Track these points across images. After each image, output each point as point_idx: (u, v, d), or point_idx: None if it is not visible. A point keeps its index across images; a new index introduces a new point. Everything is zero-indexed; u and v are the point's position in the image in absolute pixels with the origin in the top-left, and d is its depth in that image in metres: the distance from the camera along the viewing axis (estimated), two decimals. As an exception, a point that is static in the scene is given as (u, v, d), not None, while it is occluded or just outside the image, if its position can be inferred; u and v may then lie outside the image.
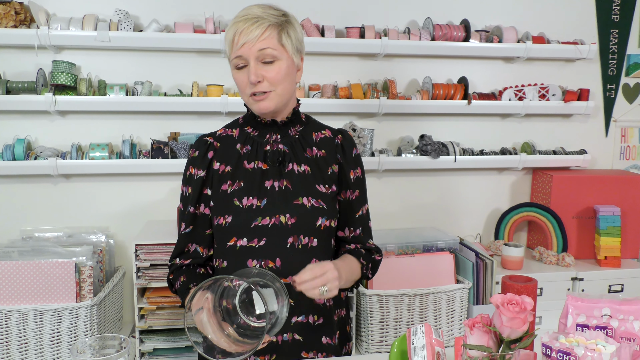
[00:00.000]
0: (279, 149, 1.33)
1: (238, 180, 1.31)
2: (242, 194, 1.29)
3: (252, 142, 1.35)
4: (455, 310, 2.14)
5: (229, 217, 1.29)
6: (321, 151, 1.36)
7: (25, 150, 2.21)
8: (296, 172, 1.32)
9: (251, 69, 1.23)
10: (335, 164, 1.37)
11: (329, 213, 1.31)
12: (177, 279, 1.36)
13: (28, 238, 2.24)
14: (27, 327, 1.88)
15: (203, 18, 2.34)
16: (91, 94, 2.25)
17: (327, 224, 1.31)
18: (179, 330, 2.10)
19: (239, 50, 1.23)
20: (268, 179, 1.30)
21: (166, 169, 2.29)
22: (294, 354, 1.30)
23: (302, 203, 1.29)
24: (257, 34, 1.22)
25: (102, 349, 0.99)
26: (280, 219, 1.28)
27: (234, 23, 1.25)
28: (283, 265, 1.27)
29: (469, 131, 2.68)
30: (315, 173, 1.33)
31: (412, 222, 2.68)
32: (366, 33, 2.40)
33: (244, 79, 1.26)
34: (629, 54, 2.77)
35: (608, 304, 1.06)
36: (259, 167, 1.31)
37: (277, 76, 1.25)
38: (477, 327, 0.95)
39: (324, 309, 1.34)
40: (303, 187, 1.30)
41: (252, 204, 1.28)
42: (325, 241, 1.33)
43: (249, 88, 1.26)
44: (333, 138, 1.39)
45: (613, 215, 2.47)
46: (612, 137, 2.84)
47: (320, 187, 1.32)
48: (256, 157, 1.33)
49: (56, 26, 2.17)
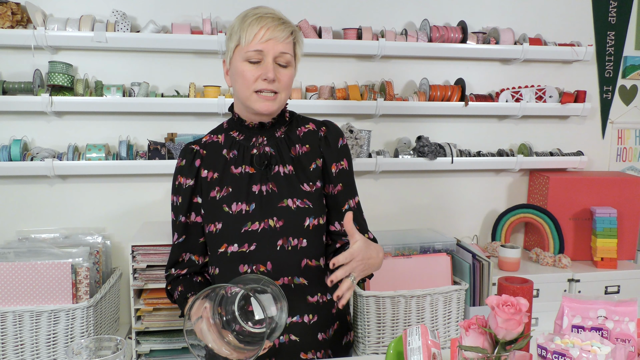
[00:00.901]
0: (265, 151, 1.33)
1: (226, 186, 1.31)
2: (231, 200, 1.29)
3: (238, 146, 1.34)
4: (452, 311, 2.14)
5: (219, 224, 1.29)
6: (305, 146, 1.35)
7: (22, 151, 2.21)
8: (281, 174, 1.31)
9: (269, 65, 1.23)
10: (319, 158, 1.35)
11: (315, 212, 1.31)
12: (175, 289, 1.36)
13: (24, 239, 2.23)
14: (23, 329, 1.87)
15: (200, 19, 2.34)
16: (88, 94, 2.25)
17: (315, 223, 1.30)
18: (176, 331, 2.10)
19: (262, 44, 1.22)
20: (255, 183, 1.31)
21: (163, 170, 2.28)
22: (292, 355, 1.30)
23: (287, 205, 1.29)
24: (284, 35, 1.24)
25: (98, 350, 0.99)
26: (269, 223, 1.28)
27: (259, 17, 1.23)
28: (274, 269, 1.27)
29: (466, 133, 2.68)
30: (298, 172, 1.33)
31: (409, 224, 2.68)
32: (363, 34, 2.40)
33: (254, 72, 1.24)
34: (626, 55, 2.77)
35: (603, 306, 1.06)
36: (246, 172, 1.31)
37: (287, 81, 1.27)
38: (472, 328, 0.95)
39: (318, 306, 1.34)
40: (288, 189, 1.30)
41: (242, 209, 1.28)
42: (315, 240, 1.32)
43: (258, 84, 1.25)
44: (317, 131, 1.38)
45: (609, 216, 2.47)
46: (609, 138, 2.84)
47: (305, 186, 1.31)
48: (243, 161, 1.32)
49: (53, 27, 2.17)
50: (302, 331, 1.31)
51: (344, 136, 1.41)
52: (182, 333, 2.09)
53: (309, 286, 1.32)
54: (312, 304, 1.32)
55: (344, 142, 1.39)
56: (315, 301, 1.33)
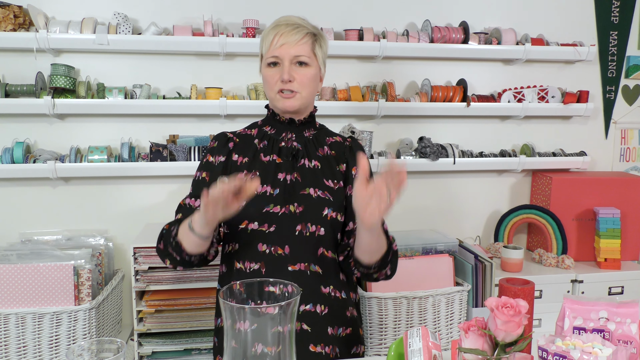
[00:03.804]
0: (293, 146, 1.43)
1: (254, 170, 1.39)
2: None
3: (268, 138, 1.44)
4: (455, 312, 2.13)
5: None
6: (332, 151, 1.46)
7: (24, 153, 2.22)
8: (307, 167, 1.41)
9: (285, 68, 1.35)
10: (344, 163, 1.46)
11: (335, 205, 1.38)
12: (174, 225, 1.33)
13: (27, 241, 2.24)
14: (26, 331, 1.88)
15: (202, 21, 2.34)
16: (90, 97, 2.26)
17: (333, 215, 1.37)
18: (178, 333, 2.10)
19: (276, 50, 1.35)
20: (281, 172, 1.39)
21: (165, 171, 2.29)
22: (301, 346, 1.30)
23: (308, 193, 1.37)
24: (296, 38, 1.35)
25: (99, 352, 0.98)
26: (289, 208, 1.35)
27: (275, 26, 1.37)
28: (292, 253, 1.34)
29: (468, 133, 2.68)
30: (324, 169, 1.42)
31: (411, 225, 2.67)
32: (365, 35, 2.40)
33: (275, 75, 1.37)
34: (629, 55, 2.76)
35: (605, 307, 1.05)
36: (273, 160, 1.40)
37: (305, 79, 1.37)
38: (472, 330, 0.95)
39: (330, 298, 1.38)
40: (311, 180, 1.39)
41: (266, 191, 1.36)
42: (332, 232, 1.39)
43: (278, 85, 1.36)
44: (343, 142, 1.50)
45: (613, 217, 2.46)
46: (612, 138, 2.83)
47: (328, 182, 1.41)
48: (272, 151, 1.42)
49: (55, 29, 2.17)
50: (313, 320, 1.34)
51: (364, 151, 1.52)
52: (184, 335, 2.09)
53: (323, 276, 1.38)
54: (324, 295, 1.37)
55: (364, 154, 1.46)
56: (327, 293, 1.37)
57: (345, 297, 1.43)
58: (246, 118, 2.40)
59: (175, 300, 2.06)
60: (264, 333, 0.84)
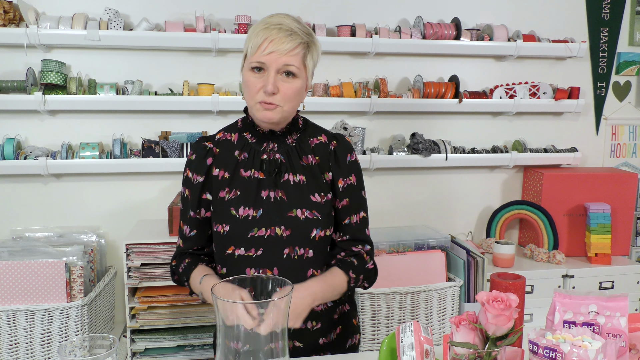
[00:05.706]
0: (275, 158, 1.32)
1: (235, 188, 1.31)
2: (239, 204, 1.29)
3: (249, 149, 1.33)
4: (447, 308, 2.14)
5: (226, 226, 1.30)
6: (316, 158, 1.34)
7: (15, 149, 2.20)
8: (291, 183, 1.31)
9: (270, 79, 1.22)
10: (329, 172, 1.35)
11: (323, 223, 1.31)
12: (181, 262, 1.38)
13: (18, 238, 2.23)
14: (18, 328, 1.87)
15: (194, 17, 2.33)
16: (81, 93, 2.24)
17: (321, 235, 1.31)
18: (171, 329, 2.10)
19: (264, 56, 1.22)
20: (264, 189, 1.30)
21: (157, 168, 2.28)
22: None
23: (295, 215, 1.28)
24: (288, 47, 1.21)
25: (92, 349, 0.98)
26: (275, 231, 1.28)
27: (265, 28, 1.22)
28: (281, 275, 1.27)
29: (460, 129, 2.69)
30: (310, 182, 1.32)
31: (403, 220, 2.68)
32: (357, 32, 2.40)
33: (257, 83, 1.24)
34: (619, 52, 2.78)
35: (595, 301, 1.06)
36: (255, 177, 1.31)
37: (289, 92, 1.25)
38: (463, 324, 0.96)
39: (321, 313, 1.34)
40: (297, 198, 1.30)
41: (248, 214, 1.28)
42: (321, 251, 1.33)
43: (260, 95, 1.24)
44: (328, 144, 1.37)
45: (603, 212, 2.48)
46: (603, 135, 2.85)
47: (315, 197, 1.31)
48: (252, 165, 1.32)
49: (45, 25, 2.16)
50: (305, 337, 1.32)
51: (353, 151, 1.40)
52: (176, 331, 2.09)
53: None
54: (316, 312, 1.32)
55: (352, 158, 1.38)
56: (320, 310, 1.34)
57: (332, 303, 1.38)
58: (239, 114, 2.38)
59: (167, 296, 2.06)
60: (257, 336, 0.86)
